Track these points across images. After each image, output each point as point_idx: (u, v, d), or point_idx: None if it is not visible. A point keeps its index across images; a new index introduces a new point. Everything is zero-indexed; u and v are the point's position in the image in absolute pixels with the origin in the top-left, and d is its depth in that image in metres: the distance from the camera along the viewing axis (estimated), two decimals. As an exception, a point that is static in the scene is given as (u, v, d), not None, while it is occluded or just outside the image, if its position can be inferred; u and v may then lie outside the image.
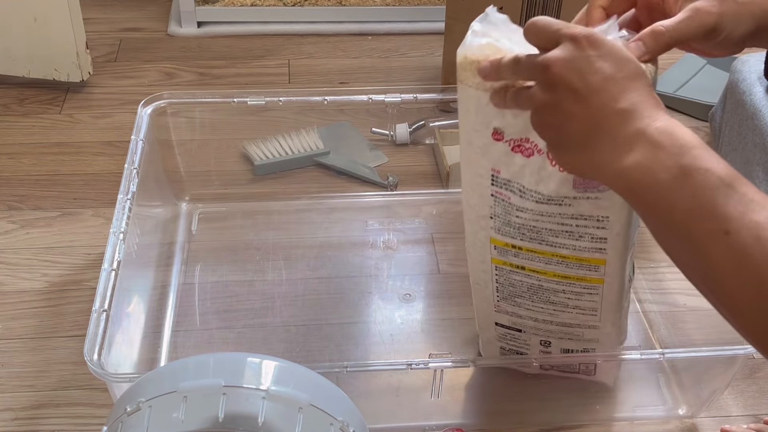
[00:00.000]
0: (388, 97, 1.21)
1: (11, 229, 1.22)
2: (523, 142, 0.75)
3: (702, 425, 0.99)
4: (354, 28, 1.77)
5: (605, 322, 0.88)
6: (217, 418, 0.65)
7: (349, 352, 1.05)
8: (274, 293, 1.13)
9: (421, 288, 1.15)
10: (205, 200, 1.27)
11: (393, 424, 0.96)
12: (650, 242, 1.20)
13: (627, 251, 0.81)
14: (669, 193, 0.54)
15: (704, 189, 0.52)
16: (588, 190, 0.75)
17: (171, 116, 1.19)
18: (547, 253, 0.82)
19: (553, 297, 0.87)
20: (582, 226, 0.78)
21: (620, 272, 0.83)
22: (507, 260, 0.86)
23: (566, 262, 0.82)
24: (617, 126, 0.57)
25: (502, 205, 0.81)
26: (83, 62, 1.48)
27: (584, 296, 0.85)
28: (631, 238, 0.81)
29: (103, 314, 0.86)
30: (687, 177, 0.53)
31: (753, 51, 1.61)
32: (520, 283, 0.87)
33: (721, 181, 0.52)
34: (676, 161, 0.54)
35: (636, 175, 0.56)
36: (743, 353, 0.89)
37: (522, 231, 0.82)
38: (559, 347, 0.93)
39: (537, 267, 0.85)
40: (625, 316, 0.91)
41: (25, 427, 0.96)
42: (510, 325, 0.94)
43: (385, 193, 1.32)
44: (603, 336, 0.90)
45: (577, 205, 0.77)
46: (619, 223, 0.78)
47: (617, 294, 0.85)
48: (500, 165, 0.78)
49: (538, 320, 0.91)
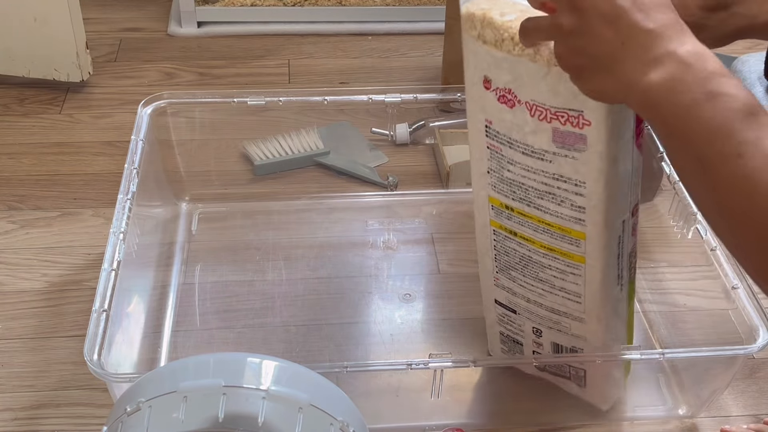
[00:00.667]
0: (388, 97, 1.21)
1: (11, 229, 1.22)
2: (506, 93, 0.77)
3: (702, 425, 0.99)
4: (354, 28, 1.77)
5: (590, 315, 0.87)
6: (217, 418, 0.65)
7: (349, 352, 1.05)
8: (274, 293, 1.13)
9: (421, 288, 1.15)
10: (205, 200, 1.27)
11: (393, 424, 0.96)
12: (650, 242, 1.21)
13: (609, 234, 0.81)
14: (690, 112, 0.54)
15: (724, 111, 0.53)
16: (566, 147, 0.76)
17: (171, 116, 1.19)
18: (534, 218, 0.83)
19: (540, 273, 0.87)
20: (562, 189, 0.79)
21: (603, 257, 0.82)
22: (502, 223, 0.87)
23: (550, 231, 0.83)
24: (646, 45, 0.58)
25: (496, 158, 0.83)
26: (83, 62, 1.48)
27: (568, 276, 0.85)
28: (613, 223, 0.80)
29: (103, 314, 0.86)
30: (710, 100, 0.54)
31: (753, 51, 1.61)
32: (513, 252, 0.88)
33: (743, 107, 0.53)
34: (701, 84, 0.55)
35: (662, 92, 0.56)
36: (743, 353, 0.89)
37: (513, 188, 0.83)
38: (549, 339, 0.93)
39: (527, 234, 0.85)
40: (618, 325, 0.90)
41: (25, 427, 0.96)
42: (506, 303, 0.94)
43: (385, 193, 1.32)
44: (590, 334, 0.89)
45: (556, 162, 0.77)
46: (596, 194, 0.77)
47: (601, 283, 0.84)
48: (491, 115, 0.80)
49: (530, 300, 0.91)
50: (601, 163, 0.75)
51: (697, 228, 1.03)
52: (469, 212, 1.28)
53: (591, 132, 0.73)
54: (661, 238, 1.20)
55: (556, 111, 0.74)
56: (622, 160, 0.76)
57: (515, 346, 0.98)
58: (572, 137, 0.74)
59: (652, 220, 1.24)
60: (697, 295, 1.12)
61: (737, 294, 0.93)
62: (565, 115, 0.74)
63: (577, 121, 0.73)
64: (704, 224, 1.02)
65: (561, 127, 0.74)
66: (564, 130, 0.75)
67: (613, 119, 0.72)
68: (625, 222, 0.82)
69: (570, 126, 0.74)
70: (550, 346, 0.94)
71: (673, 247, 1.15)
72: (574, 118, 0.73)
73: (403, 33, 1.76)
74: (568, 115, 0.73)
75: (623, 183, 0.79)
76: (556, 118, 0.74)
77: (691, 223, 1.04)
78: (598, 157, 0.75)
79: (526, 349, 0.97)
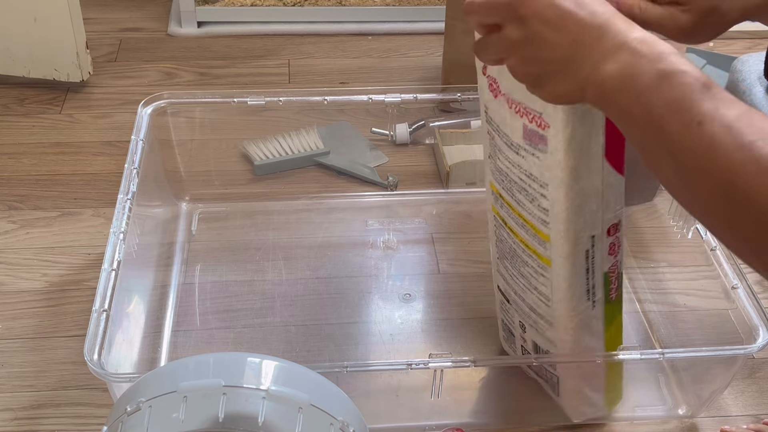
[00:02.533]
0: (388, 97, 1.21)
1: (11, 229, 1.22)
2: (493, 82, 0.79)
3: (702, 425, 0.99)
4: (354, 28, 1.77)
5: (558, 322, 0.86)
6: (217, 418, 0.65)
7: (349, 352, 1.05)
8: (274, 293, 1.13)
9: (421, 288, 1.15)
10: (205, 200, 1.27)
11: (393, 424, 0.96)
12: (650, 242, 1.21)
13: (572, 245, 0.79)
14: (647, 92, 0.56)
15: (681, 86, 0.55)
16: (532, 145, 0.76)
17: (171, 116, 1.19)
18: (515, 211, 0.84)
19: (522, 268, 0.88)
20: (532, 188, 0.80)
21: (566, 266, 0.81)
22: (497, 210, 0.88)
23: (526, 227, 0.83)
24: (597, 40, 0.59)
25: (491, 144, 0.84)
26: (83, 62, 1.48)
27: (539, 278, 0.85)
28: (577, 235, 0.79)
29: (103, 314, 0.86)
30: (665, 78, 0.56)
31: (753, 51, 1.61)
32: (505, 241, 0.89)
33: (697, 81, 0.55)
34: (654, 66, 0.57)
35: (617, 82, 0.58)
36: (743, 353, 0.89)
37: (502, 177, 0.84)
38: (531, 338, 0.93)
39: (512, 226, 0.86)
40: (592, 343, 0.88)
41: (25, 427, 0.96)
42: (503, 291, 0.95)
43: (385, 193, 1.32)
44: (558, 342, 0.88)
45: (527, 159, 0.78)
46: (557, 202, 0.77)
47: (566, 293, 0.83)
48: (487, 102, 0.82)
49: (517, 294, 0.91)
50: (561, 173, 0.75)
51: (697, 228, 1.03)
52: (468, 212, 1.28)
53: (551, 136, 0.74)
54: (661, 238, 1.20)
55: (525, 107, 0.75)
56: (587, 174, 0.76)
57: (510, 336, 0.99)
58: (536, 136, 0.75)
59: (652, 220, 1.25)
60: (697, 295, 1.12)
61: (737, 294, 0.93)
62: (531, 114, 0.75)
63: (540, 122, 0.74)
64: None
65: (528, 124, 0.76)
66: (531, 128, 0.76)
67: (573, 129, 0.72)
68: (595, 238, 0.80)
69: (535, 125, 0.75)
70: (532, 345, 0.94)
71: (673, 247, 1.15)
72: (537, 118, 0.74)
73: (403, 33, 1.76)
74: (533, 114, 0.74)
75: (589, 198, 0.78)
76: (525, 114, 0.75)
77: (691, 223, 1.05)
78: (558, 165, 0.75)
79: (516, 341, 0.97)
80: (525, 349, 0.96)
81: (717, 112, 0.53)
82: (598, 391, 0.94)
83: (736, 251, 0.57)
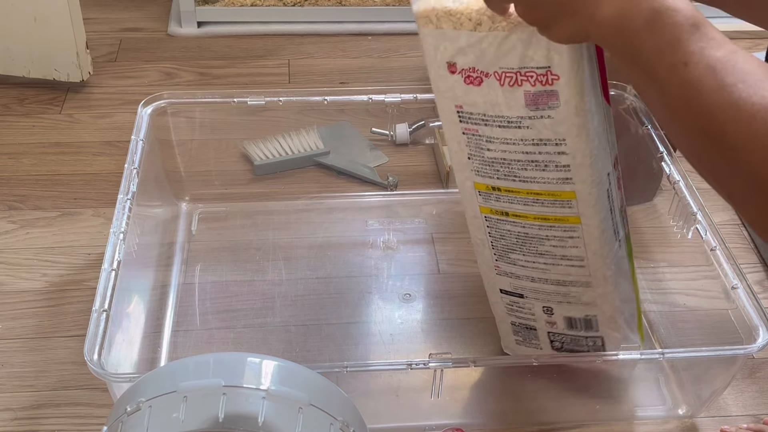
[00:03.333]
0: (388, 97, 1.21)
1: (11, 229, 1.22)
2: (471, 72, 0.79)
3: (702, 425, 0.99)
4: (354, 28, 1.77)
5: (596, 276, 0.88)
6: (217, 418, 0.65)
7: (349, 352, 1.05)
8: (274, 293, 1.13)
9: (421, 288, 1.15)
10: (205, 200, 1.27)
11: (393, 424, 0.96)
12: (650, 242, 1.21)
13: (598, 189, 0.82)
14: (640, 34, 0.59)
15: (671, 26, 0.57)
16: (540, 108, 0.77)
17: (171, 116, 1.19)
18: (522, 191, 0.84)
19: (540, 247, 0.88)
20: (545, 153, 0.80)
21: (596, 213, 0.83)
22: (491, 206, 0.88)
23: (541, 200, 0.84)
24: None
25: (474, 140, 0.84)
26: (83, 62, 1.48)
27: (567, 242, 0.86)
28: (600, 177, 0.82)
29: (103, 314, 0.86)
30: (656, 17, 0.58)
31: (753, 51, 1.61)
32: (509, 233, 0.89)
33: (686, 20, 0.57)
34: (648, 5, 0.59)
35: (613, 25, 0.61)
36: (743, 353, 0.89)
37: (495, 167, 0.84)
38: (561, 315, 0.93)
39: (518, 211, 0.86)
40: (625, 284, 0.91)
41: (25, 427, 0.96)
42: (512, 290, 0.94)
43: (385, 193, 1.32)
44: (599, 297, 0.89)
45: (534, 126, 0.79)
46: (579, 150, 0.79)
47: (600, 241, 0.85)
48: (461, 100, 0.82)
49: (535, 279, 0.91)
50: (578, 118, 0.77)
51: (697, 228, 1.03)
52: (469, 212, 1.28)
53: (561, 87, 0.75)
54: (661, 238, 1.20)
55: (526, 71, 0.76)
56: (597, 113, 0.78)
57: (529, 333, 0.98)
58: (544, 96, 0.76)
59: (652, 220, 1.25)
60: (697, 295, 1.12)
61: (737, 294, 0.93)
62: (533, 75, 0.75)
63: (546, 78, 0.75)
64: (704, 224, 1.02)
65: (531, 88, 0.76)
66: (535, 92, 0.76)
67: (580, 70, 0.74)
68: (610, 175, 0.84)
69: (540, 85, 0.76)
70: (563, 321, 0.94)
71: (673, 247, 1.15)
72: (542, 76, 0.75)
73: (403, 33, 1.76)
74: (537, 74, 0.75)
75: (601, 136, 0.80)
76: (526, 79, 0.76)
77: (691, 223, 1.05)
78: (575, 111, 0.76)
79: (540, 332, 0.97)
80: (554, 335, 0.96)
81: (703, 53, 0.56)
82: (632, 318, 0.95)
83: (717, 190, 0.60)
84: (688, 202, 1.05)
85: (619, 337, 0.93)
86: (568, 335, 0.95)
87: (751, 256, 1.22)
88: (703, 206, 1.03)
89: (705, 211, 1.03)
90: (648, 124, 1.14)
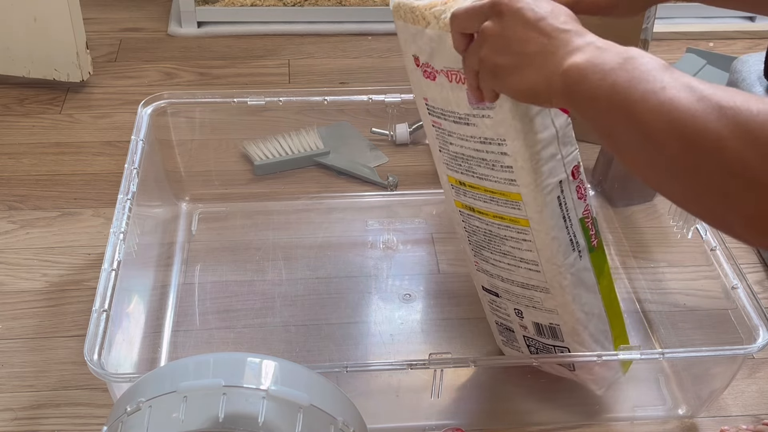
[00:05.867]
0: (388, 97, 1.21)
1: (11, 229, 1.22)
2: (427, 67, 0.81)
3: (702, 425, 0.99)
4: (354, 28, 1.77)
5: (553, 284, 0.87)
6: (217, 418, 0.65)
7: (349, 352, 1.05)
8: (274, 293, 1.13)
9: (421, 288, 1.15)
10: (205, 200, 1.27)
11: (393, 424, 0.96)
12: (650, 242, 1.21)
13: (544, 195, 0.81)
14: (612, 73, 0.60)
15: (643, 66, 0.59)
16: (481, 108, 0.78)
17: (171, 116, 1.19)
18: (480, 188, 0.86)
19: (502, 246, 0.89)
20: (491, 152, 0.81)
21: (544, 219, 0.83)
22: (462, 201, 0.89)
23: (496, 199, 0.85)
24: (567, 41, 0.65)
25: (441, 134, 0.86)
26: (83, 62, 1.48)
27: (522, 244, 0.86)
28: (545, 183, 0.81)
29: (103, 314, 0.86)
30: (628, 61, 0.60)
31: (753, 51, 1.61)
32: (478, 229, 0.90)
33: (660, 64, 0.60)
34: (619, 54, 0.62)
35: (584, 69, 0.62)
36: (743, 353, 0.89)
37: (458, 161, 0.86)
38: (530, 320, 0.93)
39: (481, 207, 0.87)
40: (588, 297, 0.89)
41: (25, 427, 0.96)
42: (489, 287, 0.95)
43: (385, 193, 1.32)
44: (559, 306, 0.89)
45: (479, 125, 0.80)
46: (519, 154, 0.79)
47: (552, 248, 0.84)
48: (426, 93, 0.84)
49: (504, 279, 0.92)
50: (515, 121, 0.77)
51: (697, 228, 1.03)
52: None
53: None
54: (661, 238, 1.20)
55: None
56: (538, 117, 0.79)
57: (510, 334, 0.98)
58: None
59: (652, 220, 1.25)
60: (697, 295, 1.12)
61: (737, 294, 0.93)
62: None
63: None
64: (704, 224, 1.02)
65: None
66: None
67: None
68: (563, 182, 0.83)
69: None
70: (533, 327, 0.94)
71: (673, 247, 1.15)
72: None
73: (403, 33, 1.76)
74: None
75: (547, 142, 0.80)
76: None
77: (691, 223, 1.05)
78: (510, 114, 0.77)
79: (517, 335, 0.97)
80: (528, 339, 0.96)
81: (678, 80, 0.58)
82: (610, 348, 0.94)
83: (704, 216, 0.59)
84: (688, 202, 1.04)
85: (585, 351, 0.92)
86: (539, 341, 0.95)
87: (751, 256, 1.22)
88: (703, 206, 1.03)
89: (705, 211, 1.02)
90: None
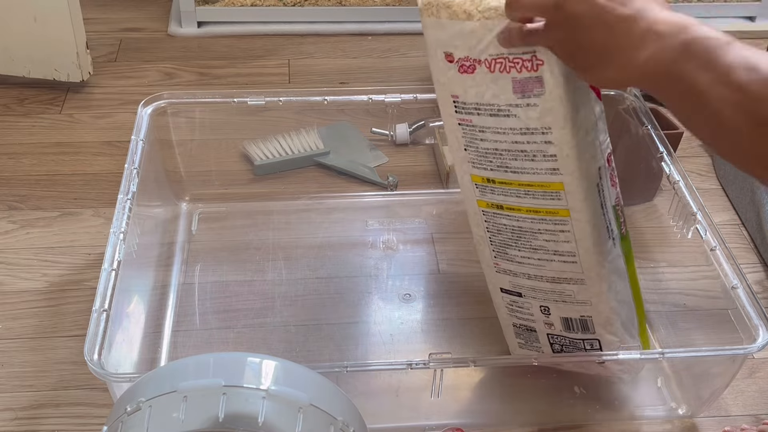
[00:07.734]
0: (388, 97, 1.21)
1: (11, 229, 1.22)
2: (465, 61, 0.82)
3: (702, 425, 0.99)
4: (354, 28, 1.77)
5: (590, 274, 0.88)
6: (217, 418, 0.65)
7: (349, 352, 1.05)
8: (274, 293, 1.13)
9: (421, 288, 1.15)
10: (205, 200, 1.27)
11: (393, 424, 0.96)
12: (650, 242, 1.21)
13: (587, 182, 0.83)
14: (677, 66, 0.64)
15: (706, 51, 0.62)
16: (526, 95, 0.80)
17: (171, 116, 1.19)
18: (514, 183, 0.86)
19: (533, 241, 0.89)
20: (533, 142, 0.82)
21: (585, 207, 0.84)
22: (488, 200, 0.89)
23: (532, 192, 0.85)
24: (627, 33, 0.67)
25: (469, 131, 0.86)
26: (83, 62, 1.48)
27: (559, 236, 0.87)
28: (588, 170, 0.83)
29: (103, 314, 0.86)
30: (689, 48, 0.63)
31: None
32: (504, 228, 0.90)
33: (718, 41, 0.62)
34: (677, 40, 0.64)
35: (652, 65, 0.66)
36: (743, 353, 0.89)
37: (489, 157, 0.86)
38: (558, 315, 0.93)
39: (512, 203, 0.88)
40: (620, 284, 0.90)
41: (25, 427, 0.96)
42: (511, 288, 0.95)
43: (385, 193, 1.32)
44: (594, 296, 0.89)
45: (521, 115, 0.81)
46: (565, 142, 0.81)
47: (591, 237, 0.85)
48: (456, 89, 0.85)
49: (531, 276, 0.92)
50: (563, 108, 0.79)
51: (697, 228, 1.03)
52: (469, 212, 1.28)
53: (546, 71, 0.78)
54: (661, 238, 1.20)
55: (513, 58, 0.79)
56: (583, 105, 0.81)
57: (530, 335, 0.98)
58: (530, 82, 0.79)
59: (652, 220, 1.25)
60: (697, 295, 1.12)
61: (737, 294, 0.93)
62: (519, 61, 0.79)
63: (531, 63, 0.78)
64: (704, 224, 1.02)
65: (518, 75, 0.79)
66: (521, 78, 0.79)
67: None
68: (601, 169, 0.85)
69: (526, 71, 0.79)
70: (561, 323, 0.94)
71: (673, 247, 1.15)
72: (528, 62, 0.78)
73: (403, 33, 1.76)
74: (523, 60, 0.78)
75: (589, 129, 0.82)
76: (514, 66, 0.79)
77: (691, 223, 1.05)
78: (559, 100, 0.78)
79: (540, 335, 0.97)
80: (552, 337, 0.96)
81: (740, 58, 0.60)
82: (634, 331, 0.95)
83: None
84: (688, 202, 1.05)
85: (616, 341, 0.93)
86: (566, 337, 0.95)
87: (751, 256, 1.22)
88: (702, 206, 1.03)
89: (705, 211, 1.03)
90: (648, 124, 1.14)
